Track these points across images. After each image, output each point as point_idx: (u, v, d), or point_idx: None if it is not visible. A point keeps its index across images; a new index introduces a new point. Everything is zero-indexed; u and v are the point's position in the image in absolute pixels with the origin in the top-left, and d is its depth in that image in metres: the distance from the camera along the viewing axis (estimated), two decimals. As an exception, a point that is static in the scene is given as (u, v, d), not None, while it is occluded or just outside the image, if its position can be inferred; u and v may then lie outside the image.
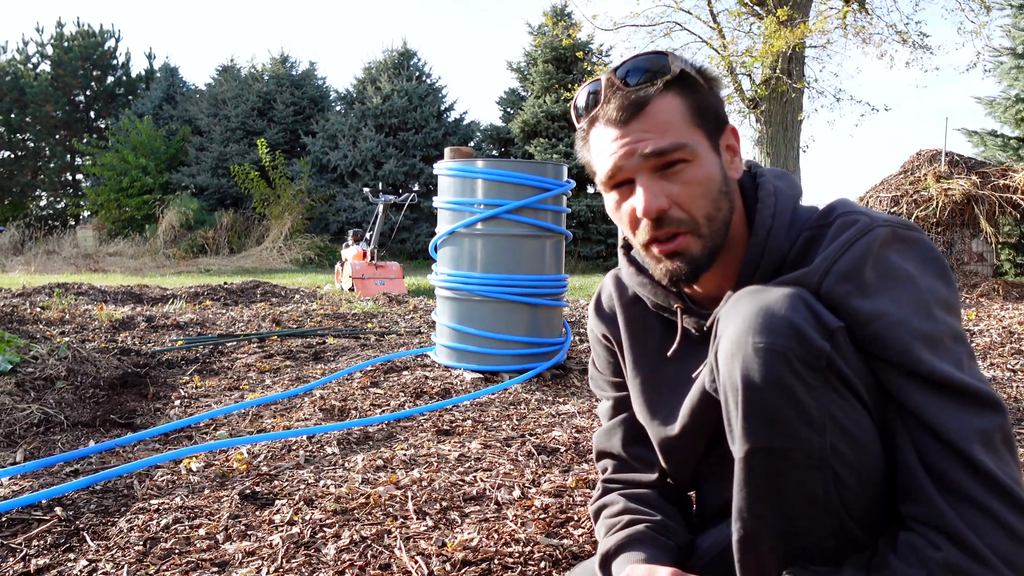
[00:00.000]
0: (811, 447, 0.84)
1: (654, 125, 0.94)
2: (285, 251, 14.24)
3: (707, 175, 0.96)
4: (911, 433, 0.85)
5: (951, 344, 0.86)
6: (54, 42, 21.39)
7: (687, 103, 0.96)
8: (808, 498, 0.85)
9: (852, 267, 0.88)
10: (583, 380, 3.24)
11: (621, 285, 1.19)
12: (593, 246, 14.08)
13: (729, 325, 0.89)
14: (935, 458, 0.83)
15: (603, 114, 0.97)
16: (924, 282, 0.89)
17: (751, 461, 0.86)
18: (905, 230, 0.91)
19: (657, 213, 0.94)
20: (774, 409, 0.84)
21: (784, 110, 10.05)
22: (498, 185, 3.13)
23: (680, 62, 0.97)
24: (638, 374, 1.15)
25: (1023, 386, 3.04)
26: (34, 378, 2.82)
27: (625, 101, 0.95)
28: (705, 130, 0.97)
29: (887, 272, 0.88)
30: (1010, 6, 10.46)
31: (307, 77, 18.11)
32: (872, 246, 0.89)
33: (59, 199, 21.90)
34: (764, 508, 0.87)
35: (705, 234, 0.96)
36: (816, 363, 0.84)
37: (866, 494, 0.86)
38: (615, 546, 1.10)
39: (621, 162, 0.95)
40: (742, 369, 0.85)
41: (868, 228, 0.90)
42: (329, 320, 5.07)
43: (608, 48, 15.36)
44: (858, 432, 0.86)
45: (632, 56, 0.98)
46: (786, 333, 0.84)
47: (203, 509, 1.71)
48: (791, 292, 0.87)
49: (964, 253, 7.06)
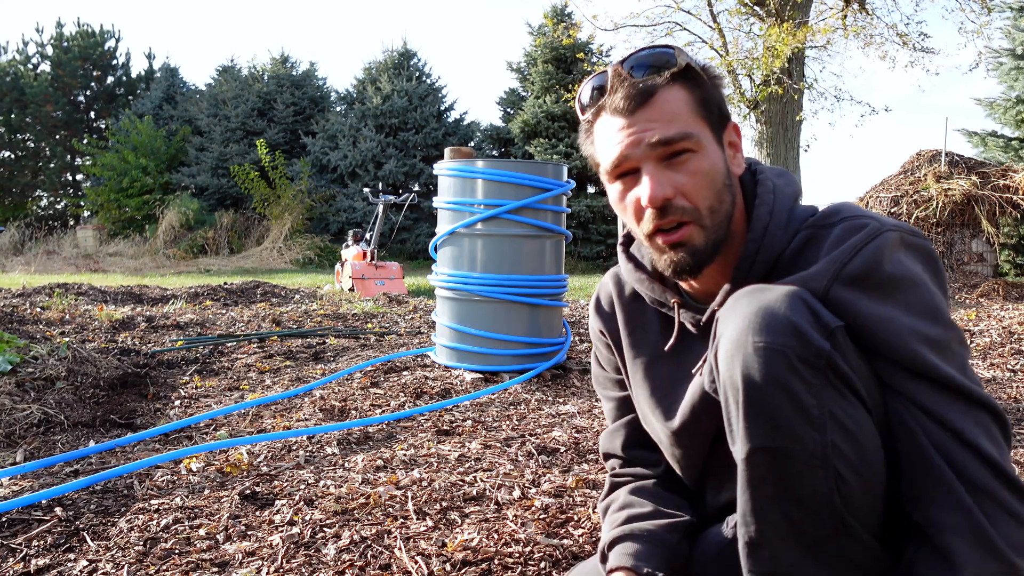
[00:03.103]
0: (812, 446, 0.84)
1: (661, 114, 0.95)
2: (285, 251, 14.24)
3: (712, 166, 0.96)
4: (923, 427, 0.87)
5: (957, 349, 0.89)
6: (54, 42, 21.39)
7: (692, 95, 0.97)
8: (810, 497, 0.85)
9: (863, 271, 0.89)
10: (583, 380, 3.24)
11: (620, 282, 1.20)
12: (593, 246, 14.08)
13: (729, 325, 0.89)
14: (947, 447, 0.86)
15: (610, 103, 0.98)
16: (930, 288, 0.91)
17: (753, 461, 0.86)
18: (912, 236, 0.93)
19: (663, 201, 0.95)
20: (775, 408, 0.84)
21: (784, 110, 10.05)
22: (498, 185, 3.13)
23: (685, 56, 0.98)
24: (637, 370, 1.16)
25: (1023, 386, 3.04)
26: (34, 378, 2.82)
27: (632, 91, 0.96)
28: (710, 123, 0.98)
29: (896, 277, 0.89)
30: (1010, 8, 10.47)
31: (307, 77, 18.12)
32: (882, 250, 0.90)
33: (59, 199, 21.91)
34: (768, 509, 0.87)
35: (708, 225, 0.97)
36: (816, 362, 0.84)
37: (867, 492, 0.87)
38: (611, 540, 1.15)
39: (628, 151, 0.96)
40: (742, 369, 0.85)
41: (877, 232, 0.91)
42: (329, 320, 5.07)
43: (608, 48, 15.33)
44: (858, 431, 0.86)
45: (639, 49, 0.99)
46: (786, 332, 0.84)
47: (203, 509, 1.71)
48: (791, 291, 0.88)
49: (964, 253, 7.06)
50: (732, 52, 10.23)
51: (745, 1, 10.17)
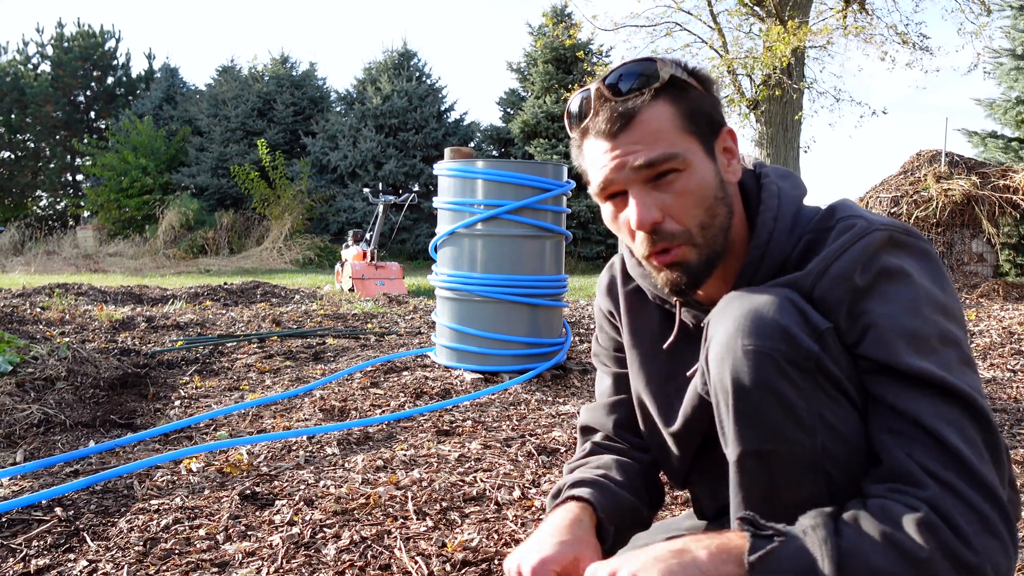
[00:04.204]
0: (802, 449, 0.84)
1: (644, 136, 0.93)
2: (285, 251, 14.24)
3: (700, 183, 0.94)
4: (886, 421, 0.84)
5: (937, 345, 0.85)
6: (54, 43, 21.39)
7: (678, 109, 0.94)
8: (801, 499, 0.85)
9: (846, 270, 0.88)
10: (583, 380, 3.24)
11: (625, 268, 1.19)
12: (593, 246, 14.08)
13: (719, 328, 0.89)
14: (907, 437, 0.81)
15: (593, 126, 0.96)
16: (917, 284, 0.87)
17: (744, 464, 0.87)
18: (903, 234, 0.90)
19: (651, 226, 0.94)
20: (764, 411, 0.84)
21: (784, 110, 10.05)
22: (498, 185, 3.13)
23: (670, 67, 0.95)
24: (634, 359, 1.16)
25: (1023, 386, 3.04)
26: (34, 378, 2.82)
27: (613, 113, 0.94)
28: (698, 136, 0.95)
29: (880, 275, 0.88)
30: (1010, 7, 10.47)
31: (307, 77, 18.11)
32: (868, 250, 0.88)
33: (59, 199, 21.91)
34: (760, 511, 0.86)
35: (700, 243, 0.95)
36: (804, 364, 0.84)
37: (857, 494, 0.86)
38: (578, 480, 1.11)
39: (612, 175, 0.94)
40: (731, 372, 0.85)
41: (864, 232, 0.89)
42: (329, 320, 5.06)
43: (608, 48, 15.36)
44: (848, 432, 0.86)
45: (620, 64, 0.97)
46: (774, 335, 0.84)
47: (203, 509, 1.71)
48: (779, 294, 0.88)
49: (964, 253, 7.06)
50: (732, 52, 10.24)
51: (745, 1, 10.17)
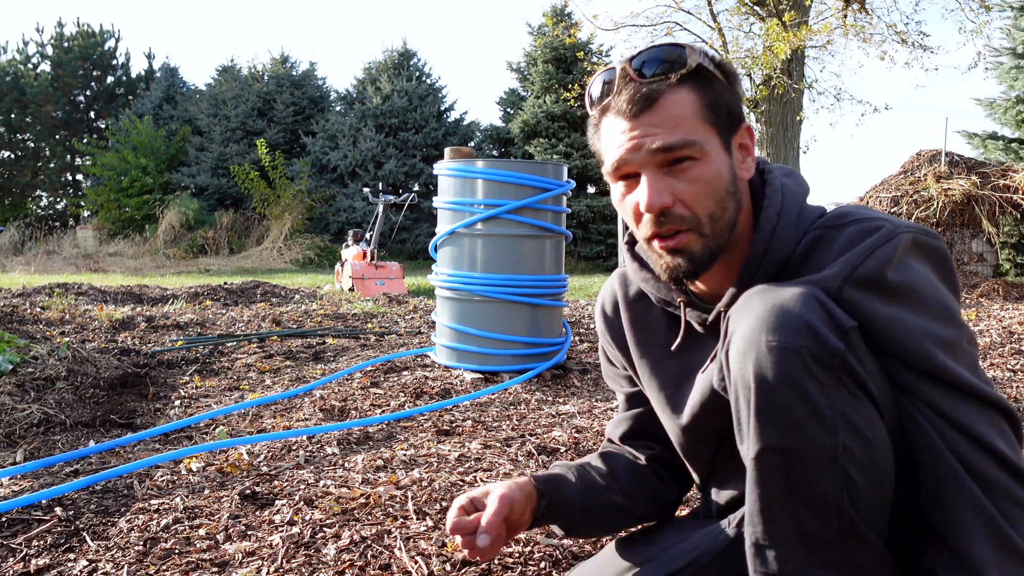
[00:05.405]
0: (823, 447, 0.83)
1: (665, 120, 0.93)
2: (285, 251, 14.25)
3: (714, 174, 0.95)
4: (936, 429, 0.87)
5: (968, 349, 0.89)
6: (54, 42, 21.40)
7: (701, 99, 0.94)
8: (819, 499, 0.84)
9: (874, 272, 0.88)
10: (583, 380, 3.24)
11: (625, 283, 1.20)
12: (593, 246, 14.08)
13: (742, 323, 0.88)
14: (961, 448, 0.85)
15: (614, 105, 0.96)
16: (940, 288, 0.90)
17: (762, 461, 0.86)
18: (926, 237, 0.91)
19: (660, 210, 0.94)
20: (786, 408, 0.83)
21: (784, 110, 10.05)
22: (498, 185, 3.13)
23: (698, 55, 0.95)
24: (644, 369, 1.16)
25: (1023, 386, 3.04)
26: (34, 378, 2.82)
27: (637, 93, 0.94)
28: (718, 128, 0.95)
29: (908, 278, 0.89)
30: (1010, 7, 10.47)
31: (307, 77, 18.12)
32: (895, 252, 0.89)
33: (59, 199, 21.91)
34: (776, 509, 0.86)
35: (707, 233, 0.96)
36: (830, 362, 0.83)
37: (876, 495, 0.86)
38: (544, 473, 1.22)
39: (628, 155, 0.95)
40: (755, 367, 0.84)
41: (892, 234, 0.90)
42: (329, 320, 5.06)
43: (608, 48, 15.35)
44: (870, 432, 0.85)
45: (649, 46, 0.96)
46: (800, 331, 0.83)
47: (203, 509, 1.71)
48: (805, 290, 0.87)
49: (964, 253, 7.06)
50: (732, 52, 10.23)
51: (745, 0, 10.17)
